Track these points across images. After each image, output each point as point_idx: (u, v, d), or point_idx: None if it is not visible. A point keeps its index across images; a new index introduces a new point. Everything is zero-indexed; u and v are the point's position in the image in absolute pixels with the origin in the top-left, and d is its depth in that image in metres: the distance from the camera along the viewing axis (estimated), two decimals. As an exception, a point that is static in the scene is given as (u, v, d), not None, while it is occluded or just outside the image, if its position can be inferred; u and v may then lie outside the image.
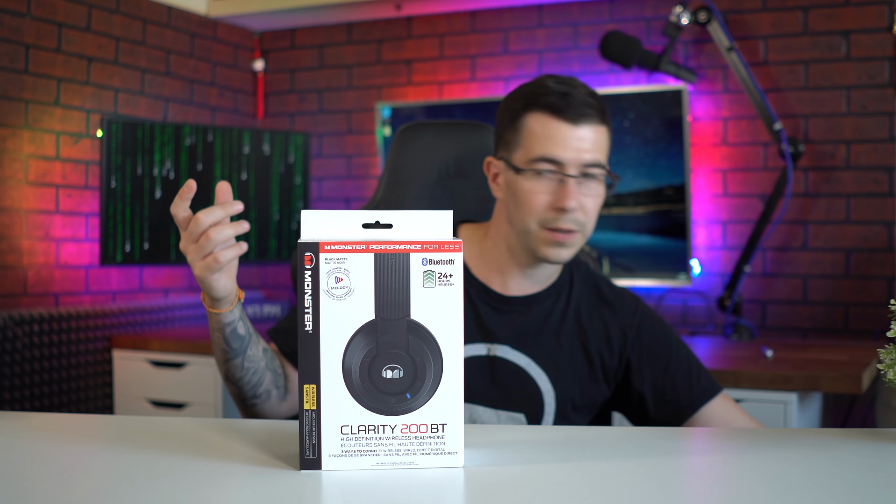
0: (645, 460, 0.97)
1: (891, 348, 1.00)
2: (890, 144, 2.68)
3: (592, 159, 1.39)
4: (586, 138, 1.39)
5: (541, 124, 1.39)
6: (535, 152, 1.39)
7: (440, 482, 0.88)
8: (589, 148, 1.39)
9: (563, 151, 1.38)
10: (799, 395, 2.12)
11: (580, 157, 1.38)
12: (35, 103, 2.71)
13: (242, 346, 1.26)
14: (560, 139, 1.38)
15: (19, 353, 2.57)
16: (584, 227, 1.41)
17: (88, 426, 1.18)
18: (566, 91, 1.39)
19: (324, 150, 3.42)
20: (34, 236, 2.71)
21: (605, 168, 1.41)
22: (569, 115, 1.38)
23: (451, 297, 0.91)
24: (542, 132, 1.39)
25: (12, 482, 0.87)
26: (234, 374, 1.29)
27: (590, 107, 1.39)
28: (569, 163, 1.38)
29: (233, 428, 1.15)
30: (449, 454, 0.92)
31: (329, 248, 0.89)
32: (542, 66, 3.10)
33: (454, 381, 0.91)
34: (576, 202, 1.38)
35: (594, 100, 1.40)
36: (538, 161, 1.39)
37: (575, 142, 1.38)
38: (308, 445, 0.90)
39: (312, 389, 0.90)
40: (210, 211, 1.13)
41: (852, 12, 2.71)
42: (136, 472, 0.91)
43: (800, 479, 0.87)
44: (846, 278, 2.73)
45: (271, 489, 0.85)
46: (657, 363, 1.47)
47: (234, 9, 3.27)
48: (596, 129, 1.39)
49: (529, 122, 1.40)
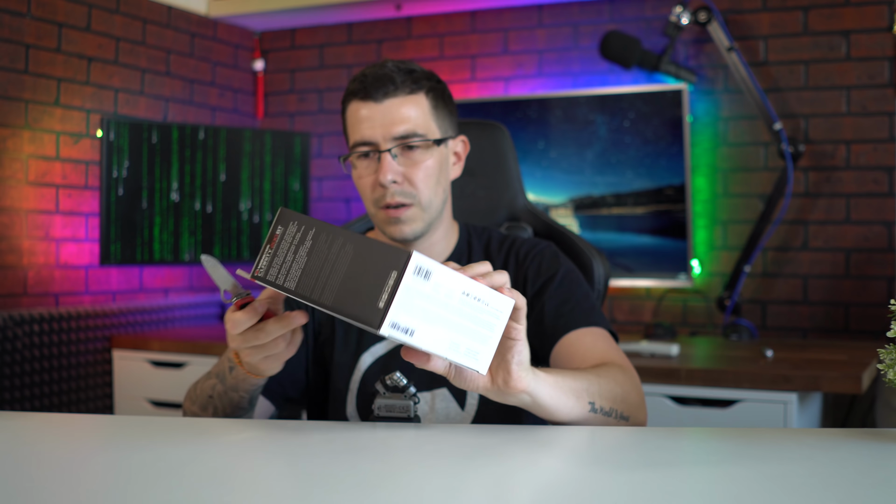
0: (644, 460, 0.97)
1: (891, 348, 1.00)
2: (890, 144, 2.68)
3: (405, 130, 1.41)
4: (392, 112, 1.41)
5: (351, 111, 1.44)
6: (352, 139, 1.44)
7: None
8: (398, 120, 1.41)
9: (371, 130, 1.41)
10: (799, 395, 2.12)
11: (389, 130, 1.41)
12: (35, 103, 2.71)
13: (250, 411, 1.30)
14: (366, 119, 1.41)
15: (19, 353, 2.57)
16: (415, 197, 1.42)
17: (88, 426, 1.18)
18: (366, 73, 1.43)
19: (324, 150, 3.42)
20: (34, 236, 2.71)
21: (425, 137, 1.42)
22: (369, 94, 1.41)
23: None
24: (352, 118, 1.44)
25: (12, 482, 0.87)
26: (219, 414, 1.32)
27: (391, 81, 1.41)
28: (379, 140, 1.41)
29: (233, 427, 1.15)
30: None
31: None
32: (542, 66, 3.10)
33: None
34: (393, 175, 1.40)
35: (401, 73, 1.42)
36: (356, 147, 1.43)
37: (380, 118, 1.41)
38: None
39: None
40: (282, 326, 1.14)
41: (852, 12, 2.71)
42: (136, 472, 0.91)
43: (800, 479, 0.87)
44: (846, 278, 2.73)
45: (271, 490, 0.85)
46: (536, 295, 1.45)
47: (234, 9, 3.27)
48: (404, 100, 1.41)
49: (346, 114, 1.46)
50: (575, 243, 1.68)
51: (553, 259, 1.49)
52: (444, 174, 1.47)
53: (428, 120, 1.43)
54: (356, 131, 1.43)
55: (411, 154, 1.42)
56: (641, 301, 2.96)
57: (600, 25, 2.99)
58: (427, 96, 1.44)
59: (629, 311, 2.97)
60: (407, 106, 1.41)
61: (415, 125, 1.41)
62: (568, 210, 2.91)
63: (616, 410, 1.22)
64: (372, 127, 1.41)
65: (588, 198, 2.88)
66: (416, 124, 1.42)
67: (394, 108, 1.41)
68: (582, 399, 1.17)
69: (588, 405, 1.18)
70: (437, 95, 1.46)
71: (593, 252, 1.68)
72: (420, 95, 1.43)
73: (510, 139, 1.80)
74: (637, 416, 1.27)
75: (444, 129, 1.47)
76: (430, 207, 1.44)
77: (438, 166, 1.44)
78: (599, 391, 1.20)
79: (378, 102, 1.41)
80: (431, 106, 1.44)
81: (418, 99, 1.42)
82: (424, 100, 1.43)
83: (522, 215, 1.78)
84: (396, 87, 1.41)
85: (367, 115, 1.41)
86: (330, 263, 0.95)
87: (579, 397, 1.17)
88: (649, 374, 2.20)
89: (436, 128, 1.44)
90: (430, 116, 1.44)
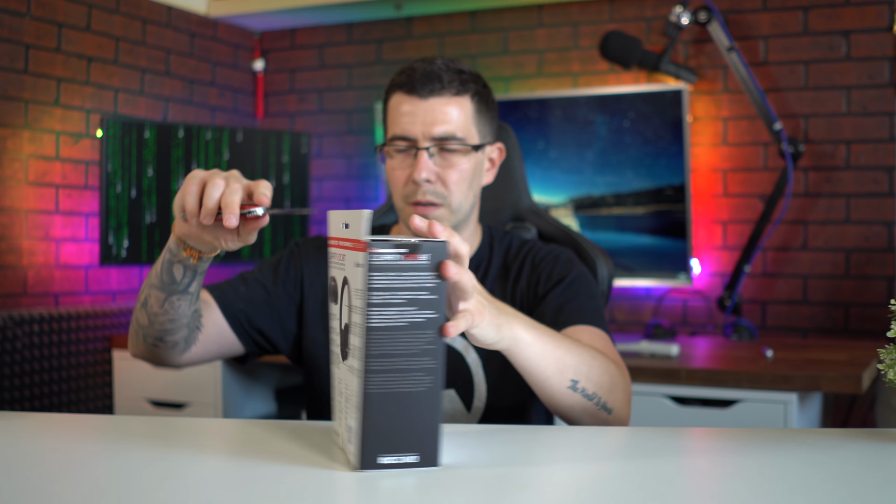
0: (643, 460, 0.97)
1: (891, 348, 1.00)
2: (890, 144, 2.68)
3: (445, 132, 1.40)
4: (435, 111, 1.40)
5: (394, 103, 1.43)
6: (391, 131, 1.43)
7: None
8: (439, 120, 1.40)
9: (412, 126, 1.40)
10: (799, 395, 2.12)
11: (430, 129, 1.40)
12: (35, 103, 2.71)
13: (173, 287, 1.23)
14: (408, 114, 1.41)
15: (19, 353, 2.57)
16: (446, 199, 1.42)
17: (88, 426, 1.18)
18: (414, 67, 1.42)
19: (324, 150, 3.42)
20: (34, 236, 2.71)
21: (464, 141, 1.41)
22: (414, 89, 1.40)
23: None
24: (394, 110, 1.43)
25: (12, 482, 0.87)
26: (152, 307, 1.26)
27: (438, 79, 1.40)
28: (419, 136, 1.40)
29: (233, 428, 1.15)
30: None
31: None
32: (542, 66, 3.10)
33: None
34: (427, 173, 1.40)
35: (449, 73, 1.41)
36: (393, 139, 1.43)
37: (422, 115, 1.40)
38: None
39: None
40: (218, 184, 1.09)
41: (852, 12, 2.71)
42: (136, 472, 0.91)
43: (800, 479, 0.87)
44: (846, 278, 2.73)
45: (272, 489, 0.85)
46: (545, 296, 1.44)
47: (234, 9, 3.27)
48: (448, 101, 1.40)
49: (388, 105, 1.45)
50: (579, 244, 1.69)
51: (567, 263, 1.49)
52: (477, 179, 1.47)
53: (469, 124, 1.42)
54: (397, 124, 1.42)
55: (448, 156, 1.41)
56: (641, 301, 2.96)
57: (600, 25, 2.99)
58: (472, 100, 1.43)
59: (629, 311, 2.97)
60: (451, 107, 1.41)
61: (455, 127, 1.41)
62: (568, 210, 2.91)
63: (599, 397, 1.21)
64: (413, 123, 1.40)
65: (588, 198, 2.88)
66: (457, 126, 1.41)
67: (437, 107, 1.40)
68: (563, 374, 1.17)
69: (569, 381, 1.18)
70: (482, 100, 1.45)
71: (597, 252, 1.69)
72: (465, 98, 1.42)
73: (516, 139, 1.80)
74: (620, 413, 1.26)
75: (483, 134, 1.46)
76: (458, 210, 1.44)
77: (473, 171, 1.44)
78: (588, 373, 1.20)
79: (423, 99, 1.40)
80: (475, 110, 1.43)
81: (463, 102, 1.42)
82: (469, 103, 1.42)
83: (527, 215, 1.78)
84: (443, 86, 1.40)
85: (409, 109, 1.41)
86: None
87: (561, 372, 1.17)
88: (649, 374, 2.20)
89: (476, 133, 1.44)
90: (471, 121, 1.43)
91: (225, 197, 1.06)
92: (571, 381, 1.18)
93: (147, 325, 1.29)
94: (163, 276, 1.23)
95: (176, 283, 1.23)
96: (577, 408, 1.21)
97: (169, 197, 2.92)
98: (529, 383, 1.19)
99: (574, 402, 1.20)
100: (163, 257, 1.22)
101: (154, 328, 1.29)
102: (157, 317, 1.27)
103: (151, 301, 1.26)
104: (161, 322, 1.28)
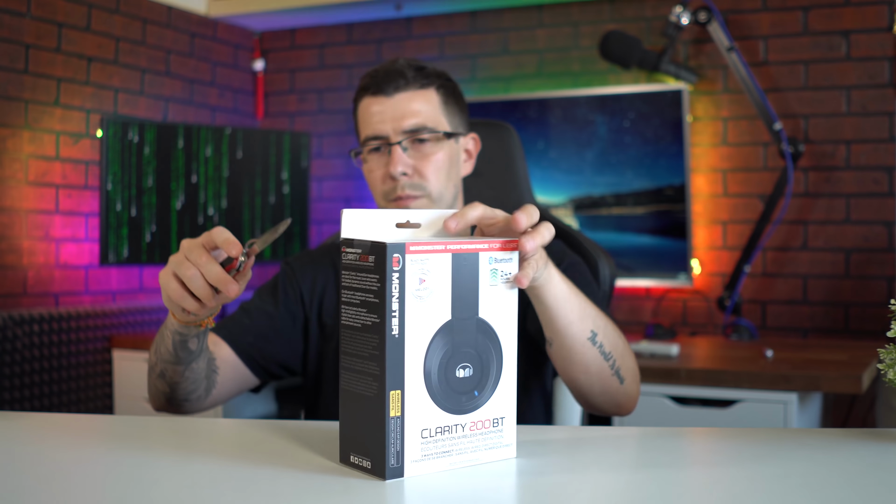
0: (643, 460, 0.97)
1: (891, 348, 1.00)
2: (890, 144, 2.68)
3: (414, 124, 1.42)
4: (403, 106, 1.42)
5: (363, 107, 1.46)
6: (363, 133, 1.45)
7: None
8: (408, 114, 1.42)
9: (382, 124, 1.42)
10: (799, 395, 2.12)
11: (400, 124, 1.42)
12: (35, 103, 2.71)
13: (189, 358, 1.24)
14: (377, 113, 1.43)
15: (19, 353, 2.57)
16: (425, 189, 1.43)
17: (88, 426, 1.18)
18: (377, 69, 1.44)
19: (324, 150, 3.42)
20: (34, 236, 2.71)
21: (434, 129, 1.43)
22: (380, 89, 1.42)
23: (510, 295, 0.94)
24: (363, 113, 1.45)
25: (12, 482, 0.87)
26: (171, 377, 1.27)
27: (401, 76, 1.42)
28: (390, 133, 1.42)
29: (233, 428, 1.15)
30: (506, 446, 0.94)
31: (414, 248, 0.88)
32: (542, 66, 3.10)
33: (510, 376, 0.94)
34: (403, 167, 1.41)
35: (411, 69, 1.43)
36: (367, 141, 1.44)
37: (390, 112, 1.42)
38: (393, 454, 0.87)
39: (397, 395, 0.87)
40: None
41: (852, 12, 2.71)
42: (136, 472, 0.90)
43: (800, 479, 0.87)
44: (846, 278, 2.73)
45: (272, 490, 0.85)
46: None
47: (234, 9, 3.27)
48: (414, 94, 1.43)
49: (358, 110, 1.47)
50: (581, 243, 1.69)
51: (560, 253, 1.49)
52: (455, 169, 1.48)
53: (438, 114, 1.44)
54: (367, 126, 1.44)
55: (421, 147, 1.43)
56: (641, 301, 2.96)
57: (600, 25, 2.99)
58: (437, 92, 1.45)
59: (629, 311, 2.97)
60: (417, 100, 1.43)
61: (425, 118, 1.43)
62: (568, 210, 2.91)
63: (614, 360, 1.21)
64: (383, 121, 1.42)
65: (588, 198, 2.88)
66: (426, 117, 1.43)
67: (404, 101, 1.42)
68: (585, 323, 1.16)
69: (590, 332, 1.17)
70: (448, 92, 1.47)
71: (599, 252, 1.68)
72: (430, 91, 1.44)
73: (518, 139, 1.80)
74: (630, 389, 1.26)
75: (454, 124, 1.47)
76: (440, 200, 1.45)
77: (449, 160, 1.45)
78: (605, 330, 1.20)
79: (389, 97, 1.42)
80: (442, 101, 1.45)
81: (428, 94, 1.44)
82: (435, 95, 1.44)
83: (529, 214, 1.78)
84: (407, 81, 1.42)
85: (378, 109, 1.43)
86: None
87: (583, 319, 1.16)
88: (649, 374, 2.20)
89: (446, 122, 1.45)
90: (440, 111, 1.45)
91: (209, 275, 1.01)
92: (591, 332, 1.18)
93: (170, 392, 1.30)
94: (178, 354, 1.23)
95: (192, 353, 1.24)
96: (594, 366, 1.20)
97: (169, 197, 2.92)
98: (552, 328, 1.16)
99: (592, 357, 1.19)
100: (171, 339, 1.21)
101: (178, 393, 1.30)
102: (178, 385, 1.29)
103: (170, 374, 1.27)
104: (184, 387, 1.29)
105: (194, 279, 1.02)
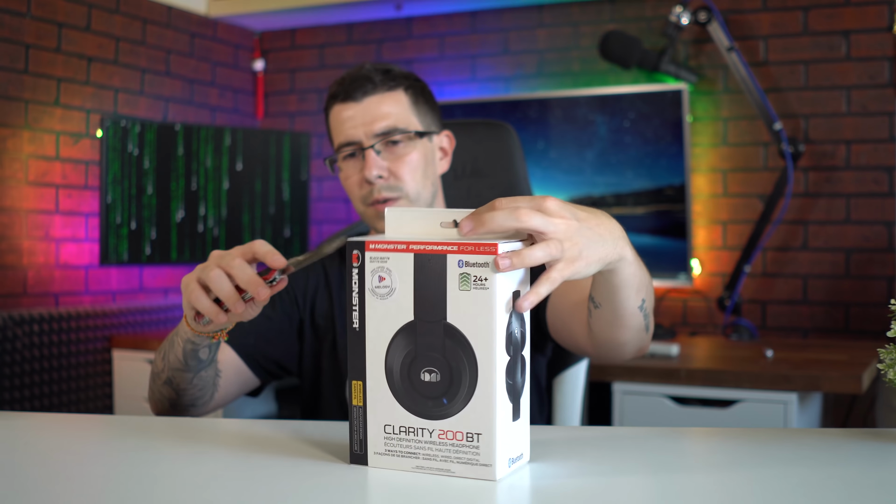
0: (644, 460, 0.97)
1: (891, 348, 1.00)
2: (890, 144, 2.68)
3: (385, 126, 1.43)
4: (372, 109, 1.43)
5: (334, 115, 1.47)
6: (337, 141, 1.47)
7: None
8: (378, 116, 1.43)
9: (353, 130, 1.43)
10: (799, 395, 2.12)
11: (371, 128, 1.43)
12: (35, 103, 2.71)
13: (199, 366, 1.25)
14: (348, 119, 1.44)
15: (19, 353, 2.57)
16: (402, 190, 1.44)
17: (88, 426, 1.18)
18: (344, 77, 1.46)
19: (324, 151, 3.42)
20: (34, 236, 2.71)
21: (406, 129, 1.43)
22: (349, 95, 1.43)
23: (485, 303, 0.86)
24: (335, 121, 1.46)
25: (12, 482, 0.87)
26: (179, 384, 1.27)
27: (369, 80, 1.43)
28: (362, 137, 1.43)
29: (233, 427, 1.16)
30: (483, 466, 0.87)
31: (374, 246, 0.89)
32: (542, 66, 3.10)
33: (489, 391, 0.87)
34: (378, 170, 1.42)
35: (378, 73, 1.44)
36: (340, 148, 1.46)
37: (361, 117, 1.43)
38: (356, 441, 0.92)
39: (360, 386, 0.91)
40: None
41: (852, 12, 2.71)
42: (136, 472, 0.91)
43: (800, 479, 0.87)
44: (846, 278, 2.73)
45: (272, 490, 0.85)
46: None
47: (234, 9, 3.27)
48: (382, 97, 1.44)
49: (329, 119, 1.48)
50: None
51: None
52: (431, 168, 1.48)
53: (408, 115, 1.45)
54: (340, 133, 1.45)
55: (395, 149, 1.44)
56: (641, 301, 2.95)
57: (600, 25, 2.99)
58: (406, 93, 1.46)
59: (629, 311, 2.96)
60: (386, 103, 1.44)
61: (396, 120, 1.43)
62: (568, 210, 2.91)
63: (649, 316, 1.17)
64: (354, 126, 1.43)
65: (588, 198, 2.88)
66: (396, 119, 1.44)
67: (373, 105, 1.43)
68: (639, 294, 1.11)
69: (640, 301, 1.12)
70: (417, 92, 1.48)
71: None
72: (398, 92, 1.45)
73: (517, 139, 1.80)
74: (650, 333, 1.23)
75: (426, 123, 1.48)
76: (418, 200, 1.46)
77: (423, 159, 1.46)
78: (649, 289, 1.14)
79: (358, 102, 1.43)
80: (411, 101, 1.46)
81: (397, 95, 1.45)
82: (403, 96, 1.45)
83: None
84: (375, 85, 1.43)
85: (349, 115, 1.44)
86: None
87: (638, 291, 1.10)
88: (649, 374, 2.20)
89: (417, 122, 1.46)
90: (410, 111, 1.45)
91: (241, 276, 1.02)
92: (642, 301, 1.13)
93: (176, 398, 1.30)
94: (188, 362, 1.23)
95: (203, 362, 1.24)
96: (633, 329, 1.16)
97: (169, 197, 2.92)
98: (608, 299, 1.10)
99: (635, 322, 1.15)
100: (183, 347, 1.21)
101: (184, 399, 1.30)
102: (185, 391, 1.29)
103: (177, 381, 1.27)
104: (191, 393, 1.30)
105: (219, 279, 1.03)
